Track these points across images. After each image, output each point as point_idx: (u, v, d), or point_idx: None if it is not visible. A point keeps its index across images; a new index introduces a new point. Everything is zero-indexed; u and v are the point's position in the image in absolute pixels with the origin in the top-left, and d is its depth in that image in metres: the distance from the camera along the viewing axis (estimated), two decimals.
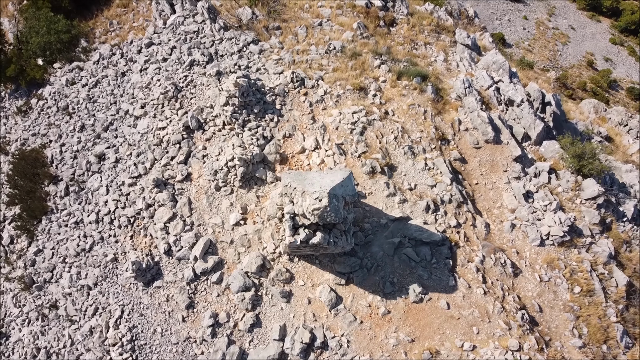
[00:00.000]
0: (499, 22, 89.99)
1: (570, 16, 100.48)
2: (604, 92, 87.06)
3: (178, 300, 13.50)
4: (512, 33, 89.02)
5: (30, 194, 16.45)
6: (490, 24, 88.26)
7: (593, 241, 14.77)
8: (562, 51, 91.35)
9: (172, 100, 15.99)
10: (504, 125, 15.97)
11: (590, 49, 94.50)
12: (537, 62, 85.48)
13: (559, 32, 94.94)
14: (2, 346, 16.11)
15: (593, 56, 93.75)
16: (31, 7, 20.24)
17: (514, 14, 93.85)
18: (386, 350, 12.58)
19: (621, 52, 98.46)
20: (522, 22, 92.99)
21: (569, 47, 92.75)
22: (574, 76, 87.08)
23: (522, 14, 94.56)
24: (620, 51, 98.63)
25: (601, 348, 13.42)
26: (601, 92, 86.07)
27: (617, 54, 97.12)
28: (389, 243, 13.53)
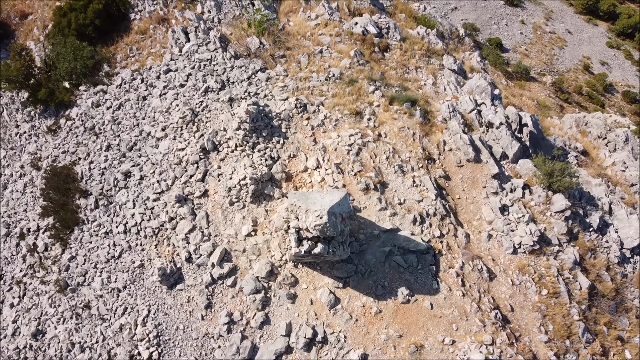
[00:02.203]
0: (497, 26, 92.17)
1: (567, 20, 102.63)
2: (599, 95, 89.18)
3: (198, 301, 15.70)
4: (509, 37, 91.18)
5: (63, 206, 18.64)
6: (487, 28, 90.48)
7: (560, 249, 16.94)
8: (558, 55, 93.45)
9: (189, 124, 18.19)
10: (484, 145, 18.13)
11: (587, 53, 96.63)
12: (534, 66, 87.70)
13: (556, 36, 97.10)
14: (38, 341, 18.32)
15: (589, 60, 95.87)
16: (58, 34, 22.41)
17: (512, 19, 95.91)
18: (378, 345, 14.76)
19: (618, 55, 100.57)
20: (519, 26, 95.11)
21: (566, 51, 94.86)
22: (570, 80, 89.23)
23: (519, 18, 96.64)
24: (617, 55, 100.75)
25: (564, 343, 15.59)
26: (597, 95, 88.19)
27: (614, 58, 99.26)
28: (381, 251, 15.71)
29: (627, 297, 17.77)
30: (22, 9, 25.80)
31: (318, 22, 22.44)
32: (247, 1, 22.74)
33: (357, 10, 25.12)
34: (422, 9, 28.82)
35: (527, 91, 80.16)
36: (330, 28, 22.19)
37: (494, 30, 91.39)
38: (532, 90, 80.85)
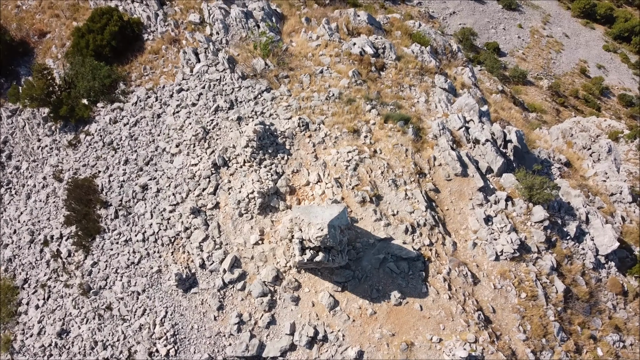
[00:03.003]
0: (494, 30, 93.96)
1: (564, 24, 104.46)
2: (595, 99, 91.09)
3: (210, 303, 17.52)
4: (506, 42, 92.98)
5: (85, 216, 20.46)
6: (485, 32, 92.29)
7: (539, 256, 18.77)
8: (555, 59, 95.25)
9: (201, 141, 20.01)
10: (471, 161, 19.95)
11: (584, 57, 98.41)
12: (531, 70, 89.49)
13: (553, 39, 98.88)
14: (63, 340, 20.14)
15: (586, 63, 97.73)
16: (76, 54, 24.20)
17: (509, 23, 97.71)
18: (373, 342, 16.58)
19: (614, 59, 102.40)
20: (516, 30, 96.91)
21: (563, 54, 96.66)
22: (567, 84, 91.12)
23: (517, 22, 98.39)
24: (614, 58, 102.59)
25: (541, 341, 17.42)
26: (593, 99, 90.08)
27: (610, 61, 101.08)
28: (376, 259, 17.53)
29: (601, 300, 19.59)
30: (41, 28, 27.58)
31: (319, 42, 24.25)
32: (253, 23, 24.53)
33: (355, 30, 26.93)
34: (417, 26, 30.57)
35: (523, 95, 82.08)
36: (330, 48, 24.00)
37: (491, 35, 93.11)
38: (529, 94, 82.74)
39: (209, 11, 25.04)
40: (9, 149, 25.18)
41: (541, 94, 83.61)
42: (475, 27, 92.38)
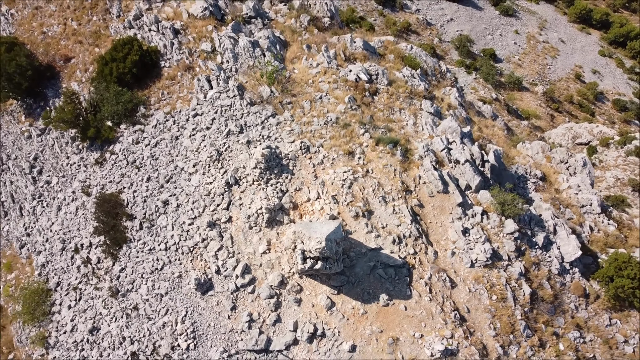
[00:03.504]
0: (491, 36, 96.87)
1: (560, 29, 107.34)
2: (590, 104, 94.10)
3: (225, 304, 20.58)
4: (503, 48, 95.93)
5: (113, 227, 23.53)
6: (482, 39, 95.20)
7: (509, 263, 21.80)
8: (551, 65, 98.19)
9: (215, 162, 23.07)
10: (451, 179, 22.97)
11: (579, 62, 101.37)
12: (526, 76, 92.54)
13: (549, 45, 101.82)
14: (94, 336, 23.22)
15: (581, 69, 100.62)
16: (101, 80, 27.24)
17: (506, 29, 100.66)
18: (364, 338, 19.62)
19: (609, 64, 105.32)
20: (513, 36, 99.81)
21: (558, 60, 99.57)
22: (562, 89, 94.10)
23: (513, 28, 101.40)
24: (609, 63, 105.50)
25: (509, 337, 20.45)
26: (587, 104, 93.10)
27: (605, 66, 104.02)
28: (367, 266, 20.58)
29: (565, 301, 22.62)
30: (66, 53, 30.60)
31: (318, 70, 27.28)
32: (259, 52, 27.54)
33: (351, 55, 29.94)
34: (409, 49, 33.52)
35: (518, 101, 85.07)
36: (328, 75, 27.03)
37: (488, 41, 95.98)
38: (524, 100, 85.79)
39: (219, 40, 28.06)
40: (40, 165, 28.25)
41: (536, 99, 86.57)
42: (472, 33, 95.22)
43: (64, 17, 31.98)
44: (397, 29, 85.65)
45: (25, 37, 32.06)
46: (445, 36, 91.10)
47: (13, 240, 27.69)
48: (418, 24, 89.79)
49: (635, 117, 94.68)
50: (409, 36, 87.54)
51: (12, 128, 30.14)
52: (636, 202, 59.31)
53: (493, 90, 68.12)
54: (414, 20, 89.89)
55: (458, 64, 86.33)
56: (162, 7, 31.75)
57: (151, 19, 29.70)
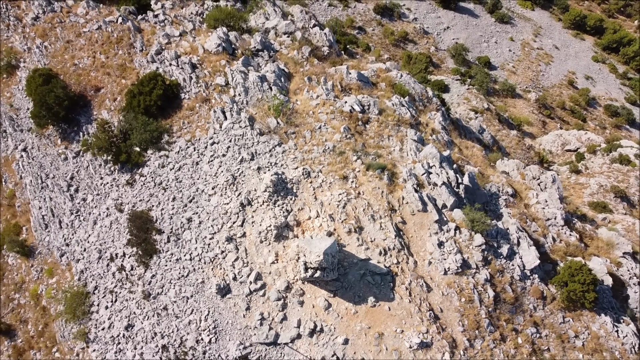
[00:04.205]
0: (487, 44, 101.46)
1: (555, 35, 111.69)
2: (582, 110, 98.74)
3: (240, 305, 25.37)
4: (498, 55, 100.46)
5: (144, 240, 28.32)
6: (478, 46, 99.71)
7: (477, 271, 26.55)
8: (544, 71, 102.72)
9: (231, 185, 27.85)
10: (429, 200, 27.71)
11: (573, 68, 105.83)
12: (520, 83, 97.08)
13: (543, 52, 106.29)
14: (129, 332, 28.02)
15: (574, 75, 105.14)
16: (130, 110, 31.96)
17: (501, 36, 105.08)
18: (355, 333, 24.39)
19: (602, 69, 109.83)
20: (508, 43, 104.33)
21: (552, 66, 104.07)
22: (555, 95, 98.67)
23: (509, 35, 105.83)
24: (602, 68, 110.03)
25: (475, 332, 25.20)
26: (579, 110, 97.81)
27: (599, 72, 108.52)
28: (358, 274, 25.34)
29: (524, 303, 27.36)
30: (96, 84, 35.31)
31: (318, 101, 31.99)
32: (267, 86, 32.23)
33: (347, 86, 34.65)
34: (399, 77, 38.14)
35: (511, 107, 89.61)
36: (327, 107, 31.75)
37: (483, 49, 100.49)
38: (517, 107, 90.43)
39: (231, 75, 32.79)
40: (76, 184, 33.05)
41: (529, 106, 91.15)
42: (468, 41, 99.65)
43: (92, 50, 36.70)
44: (395, 38, 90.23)
45: (59, 68, 36.79)
46: (441, 44, 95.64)
47: (53, 249, 32.49)
48: (415, 32, 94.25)
49: (626, 122, 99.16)
50: (406, 45, 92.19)
51: (49, 150, 34.91)
52: (617, 208, 64.29)
53: (485, 100, 72.57)
54: (411, 30, 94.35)
55: (454, 72, 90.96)
56: (180, 42, 36.50)
57: (171, 54, 34.44)
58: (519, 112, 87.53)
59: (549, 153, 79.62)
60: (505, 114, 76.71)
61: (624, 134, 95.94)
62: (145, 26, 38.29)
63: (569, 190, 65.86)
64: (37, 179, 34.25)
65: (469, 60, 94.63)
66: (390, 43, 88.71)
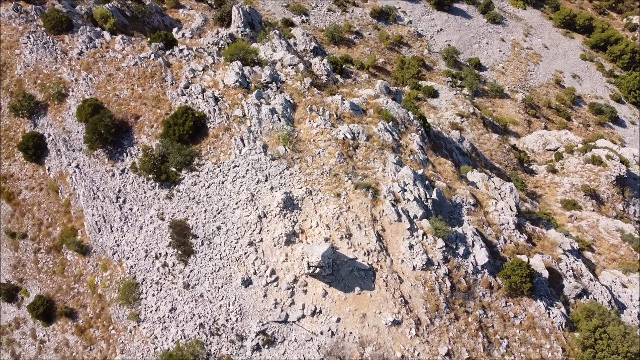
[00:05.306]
0: (478, 45, 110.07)
1: (545, 35, 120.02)
2: (567, 108, 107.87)
3: (259, 293, 34.95)
4: (488, 56, 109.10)
5: (183, 243, 37.81)
6: (469, 48, 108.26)
7: (438, 267, 36.07)
8: (533, 71, 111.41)
9: (250, 201, 37.26)
10: (403, 212, 37.11)
11: (561, 67, 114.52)
12: (508, 83, 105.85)
13: (532, 52, 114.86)
14: (172, 314, 37.68)
15: (562, 74, 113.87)
16: (166, 137, 41.19)
17: (492, 36, 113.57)
18: (345, 313, 34.01)
19: (590, 67, 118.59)
20: (499, 44, 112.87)
21: (540, 66, 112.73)
22: (541, 94, 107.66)
23: (499, 36, 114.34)
24: (589, 67, 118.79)
25: (435, 313, 34.81)
26: (564, 109, 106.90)
27: (586, 70, 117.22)
28: (347, 270, 34.85)
29: (475, 291, 36.91)
30: (135, 113, 44.43)
31: (317, 130, 41.22)
32: (276, 118, 41.40)
33: (341, 115, 43.84)
34: (385, 103, 47.20)
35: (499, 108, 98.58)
36: (324, 135, 41.00)
37: (475, 50, 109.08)
38: (504, 107, 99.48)
39: (247, 108, 41.97)
40: (123, 196, 42.45)
41: (515, 106, 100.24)
42: (460, 42, 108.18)
43: (131, 83, 45.81)
44: (390, 42, 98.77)
45: (103, 97, 45.92)
46: (434, 47, 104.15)
47: (106, 248, 42.02)
48: (409, 36, 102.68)
49: (609, 120, 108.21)
50: (401, 48, 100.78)
51: (98, 167, 44.23)
52: (587, 205, 73.97)
53: (471, 105, 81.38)
54: (406, 33, 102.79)
55: (445, 74, 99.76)
56: (203, 75, 45.62)
57: (198, 89, 43.59)
58: (506, 112, 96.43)
59: (532, 152, 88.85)
60: (490, 117, 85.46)
61: (606, 132, 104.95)
62: (173, 61, 47.33)
63: (544, 189, 75.19)
64: (90, 191, 43.65)
65: (460, 62, 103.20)
66: (385, 47, 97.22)
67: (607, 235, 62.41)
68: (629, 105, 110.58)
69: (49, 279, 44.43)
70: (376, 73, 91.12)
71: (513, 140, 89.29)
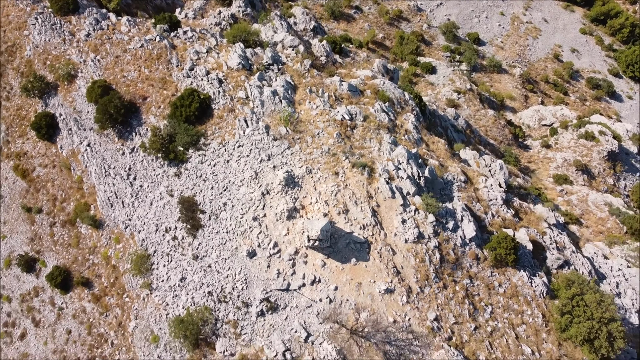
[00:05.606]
0: (477, 19, 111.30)
1: (545, 8, 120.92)
2: (564, 83, 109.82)
3: (263, 264, 38.32)
4: (487, 30, 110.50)
5: (191, 218, 40.99)
6: (469, 22, 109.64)
7: (429, 240, 39.35)
8: (532, 45, 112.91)
9: (254, 179, 40.29)
10: (397, 189, 40.19)
11: (560, 41, 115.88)
12: (507, 58, 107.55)
13: (532, 26, 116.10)
14: (182, 282, 41.17)
15: (561, 48, 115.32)
16: (174, 118, 43.94)
17: (492, 10, 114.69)
18: (342, 282, 37.45)
19: (589, 41, 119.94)
20: (498, 18, 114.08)
21: (539, 40, 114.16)
22: (539, 69, 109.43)
23: (499, 10, 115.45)
24: (589, 40, 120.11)
25: (425, 282, 38.23)
26: (561, 83, 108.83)
27: (585, 44, 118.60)
28: (344, 242, 38.12)
29: (463, 262, 40.29)
30: (143, 94, 47.02)
31: (317, 111, 43.94)
32: (278, 99, 44.05)
33: (340, 96, 46.46)
34: (382, 84, 49.72)
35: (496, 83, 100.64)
36: (324, 116, 43.74)
37: (474, 24, 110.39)
38: (502, 82, 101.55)
39: (250, 90, 44.59)
40: (134, 174, 45.46)
41: (513, 81, 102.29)
42: (459, 17, 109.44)
43: (137, 65, 48.28)
44: (390, 17, 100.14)
45: (111, 79, 48.47)
46: (434, 21, 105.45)
47: (119, 223, 45.27)
48: (409, 10, 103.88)
49: (605, 94, 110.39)
50: (400, 23, 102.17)
51: (108, 146, 47.12)
52: (577, 180, 77.12)
53: (468, 81, 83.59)
54: (406, 7, 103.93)
55: (444, 49, 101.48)
56: (207, 57, 48.06)
57: (202, 71, 46.11)
58: (503, 88, 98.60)
59: (527, 127, 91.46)
60: (487, 93, 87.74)
61: (602, 106, 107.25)
62: (177, 43, 49.68)
63: (538, 164, 78.22)
64: (101, 168, 46.65)
65: (459, 37, 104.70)
66: (385, 22, 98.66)
67: (595, 209, 65.77)
68: (627, 80, 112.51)
69: (65, 250, 47.83)
70: (375, 48, 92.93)
71: (510, 115, 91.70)
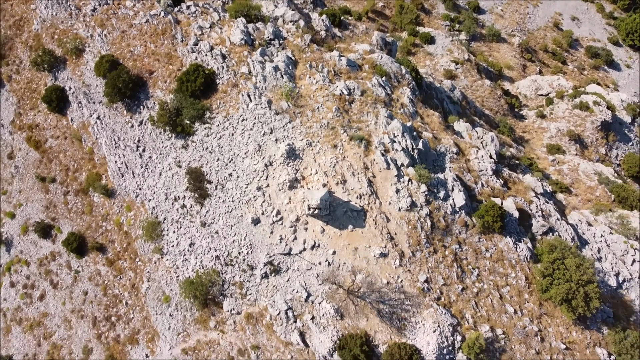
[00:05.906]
0: None
1: None
2: (563, 52, 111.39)
3: (267, 230, 41.77)
4: None
5: (199, 187, 44.21)
6: None
7: (421, 208, 42.68)
8: (532, 13, 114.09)
9: (257, 152, 43.35)
10: (392, 161, 43.28)
11: (560, 9, 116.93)
12: (506, 26, 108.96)
13: None
14: (192, 247, 44.74)
15: (561, 16, 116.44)
16: (180, 93, 46.64)
17: None
18: (340, 247, 40.99)
19: (590, 9, 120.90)
20: None
21: (540, 8, 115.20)
22: (539, 38, 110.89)
23: None
24: (589, 8, 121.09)
25: (416, 247, 41.76)
26: (560, 52, 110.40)
27: (586, 12, 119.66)
28: (342, 211, 41.46)
29: (453, 229, 43.75)
30: (149, 68, 49.52)
31: (317, 86, 46.62)
32: (279, 75, 46.64)
33: (339, 71, 49.03)
34: (380, 58, 52.13)
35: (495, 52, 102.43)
36: (323, 90, 46.45)
37: None
38: (501, 51, 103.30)
39: (252, 65, 47.15)
40: (143, 145, 48.47)
41: (512, 50, 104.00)
42: None
43: (143, 40, 50.64)
44: None
45: (118, 53, 50.90)
46: None
47: (129, 192, 48.55)
48: None
49: (604, 63, 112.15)
50: None
51: (118, 119, 49.96)
52: (570, 150, 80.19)
53: (466, 52, 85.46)
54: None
55: (444, 18, 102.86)
56: (210, 32, 50.40)
57: (206, 46, 48.55)
58: (502, 57, 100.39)
59: (524, 97, 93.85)
60: (485, 63, 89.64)
61: (600, 75, 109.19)
62: (181, 18, 51.89)
63: (532, 134, 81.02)
64: (111, 140, 49.63)
65: (459, 5, 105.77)
66: None
67: (585, 178, 69.05)
68: (626, 48, 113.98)
69: (79, 218, 51.29)
70: (375, 17, 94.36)
71: (507, 85, 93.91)
